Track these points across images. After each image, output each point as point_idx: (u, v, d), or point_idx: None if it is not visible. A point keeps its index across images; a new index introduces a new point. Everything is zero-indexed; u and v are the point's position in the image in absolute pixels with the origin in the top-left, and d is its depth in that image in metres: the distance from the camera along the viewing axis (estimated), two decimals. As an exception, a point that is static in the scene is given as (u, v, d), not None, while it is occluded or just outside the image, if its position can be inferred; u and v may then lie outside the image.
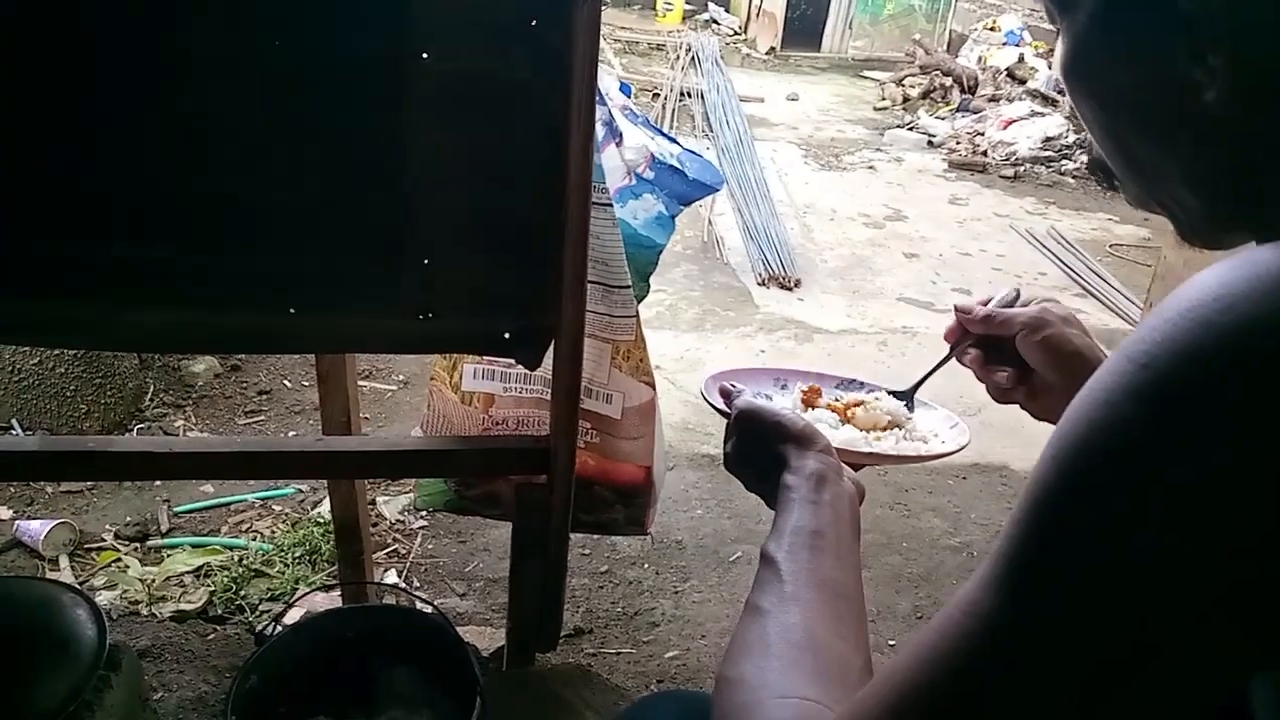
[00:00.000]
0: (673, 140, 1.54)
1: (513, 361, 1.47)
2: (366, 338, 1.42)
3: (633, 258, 1.52)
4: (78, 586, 1.41)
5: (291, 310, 1.29)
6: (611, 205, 1.41)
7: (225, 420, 3.04)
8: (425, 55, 1.12)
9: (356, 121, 1.18)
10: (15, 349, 2.78)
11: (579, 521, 1.66)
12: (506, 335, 1.38)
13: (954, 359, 1.03)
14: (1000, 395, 0.99)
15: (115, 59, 1.12)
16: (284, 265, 1.24)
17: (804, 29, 10.68)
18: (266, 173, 1.19)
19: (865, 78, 10.01)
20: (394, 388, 3.32)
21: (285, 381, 3.25)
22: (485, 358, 1.58)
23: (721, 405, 0.94)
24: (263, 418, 3.08)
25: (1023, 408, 0.99)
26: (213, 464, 1.45)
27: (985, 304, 1.00)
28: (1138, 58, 0.55)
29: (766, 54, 10.57)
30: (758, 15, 11.00)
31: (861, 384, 1.11)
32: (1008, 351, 0.97)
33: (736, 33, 11.21)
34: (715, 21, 11.41)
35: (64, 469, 1.52)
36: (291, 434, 2.99)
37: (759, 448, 0.84)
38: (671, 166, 1.49)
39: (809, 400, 1.05)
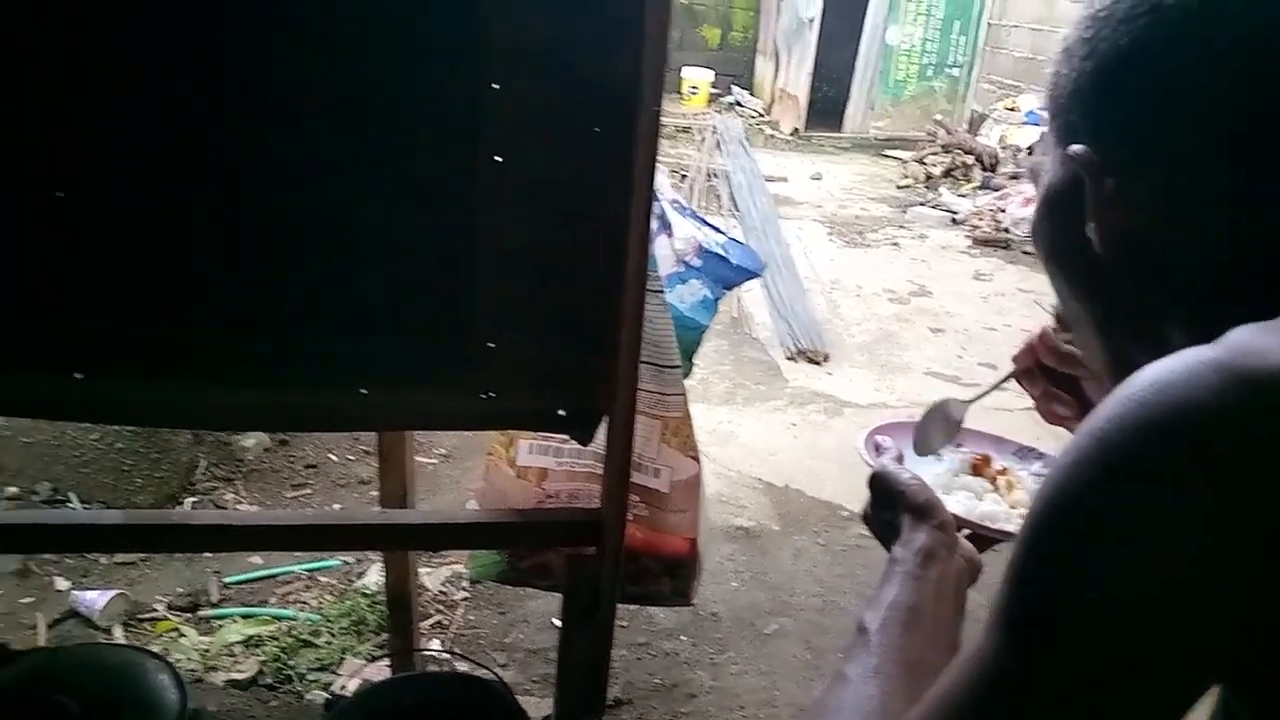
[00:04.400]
0: (717, 230, 1.65)
1: (566, 437, 1.55)
2: (431, 416, 1.51)
3: (679, 338, 1.61)
4: (158, 653, 1.47)
5: (363, 390, 1.39)
6: (663, 291, 1.50)
7: (273, 493, 3.12)
8: (499, 159, 1.23)
9: (432, 217, 1.28)
10: (76, 426, 2.90)
11: (626, 592, 1.72)
12: (562, 413, 1.47)
13: (1014, 380, 1.01)
14: (1054, 420, 1.00)
15: (199, 154, 1.23)
16: (359, 348, 1.33)
17: (826, 110, 10.93)
18: (347, 263, 1.29)
19: (887, 156, 10.21)
20: (436, 461, 3.40)
21: (331, 455, 3.34)
22: (540, 434, 1.67)
23: (872, 460, 0.95)
24: (309, 491, 3.16)
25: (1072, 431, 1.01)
26: (285, 536, 1.53)
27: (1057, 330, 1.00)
28: (1060, 219, 0.70)
29: (790, 135, 10.81)
30: (780, 97, 11.27)
31: (1040, 454, 1.09)
32: (1066, 380, 0.98)
33: (760, 115, 11.48)
34: (739, 104, 11.70)
35: (145, 541, 1.60)
36: (337, 506, 3.08)
37: (883, 513, 0.86)
38: (716, 254, 1.59)
39: (978, 467, 1.04)
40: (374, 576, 2.72)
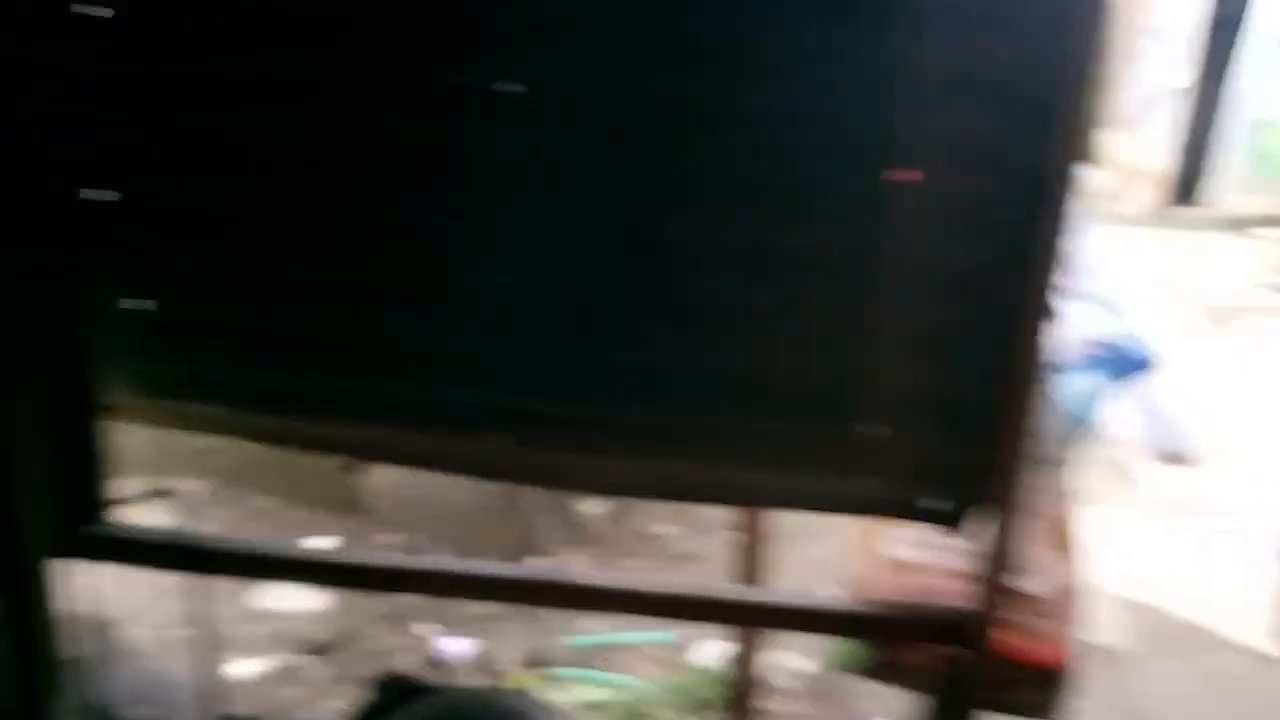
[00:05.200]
0: (1112, 321, 1.54)
1: (936, 529, 1.49)
2: (803, 497, 1.51)
3: (1062, 432, 1.51)
4: (538, 700, 1.57)
5: (740, 468, 1.43)
6: (1049, 383, 1.42)
7: (606, 561, 3.25)
8: (902, 248, 1.23)
9: (829, 305, 1.31)
10: (445, 481, 3.19)
11: (985, 698, 1.62)
12: (935, 505, 1.42)
13: None
14: None
15: (610, 239, 1.33)
16: (750, 427, 1.37)
17: (1183, 185, 10.03)
18: (745, 347, 1.35)
19: (1258, 237, 9.16)
20: (765, 542, 3.40)
21: (662, 529, 3.43)
22: (905, 524, 1.61)
23: None
24: (641, 561, 3.27)
25: None
26: (650, 603, 1.57)
27: None
28: None
29: (1144, 212, 10.03)
30: (1133, 173, 10.51)
31: None
32: None
33: (1109, 191, 10.77)
34: (1085, 181, 11.06)
35: (520, 594, 1.70)
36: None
37: None
38: (1110, 346, 1.48)
39: None
40: (701, 652, 2.75)
